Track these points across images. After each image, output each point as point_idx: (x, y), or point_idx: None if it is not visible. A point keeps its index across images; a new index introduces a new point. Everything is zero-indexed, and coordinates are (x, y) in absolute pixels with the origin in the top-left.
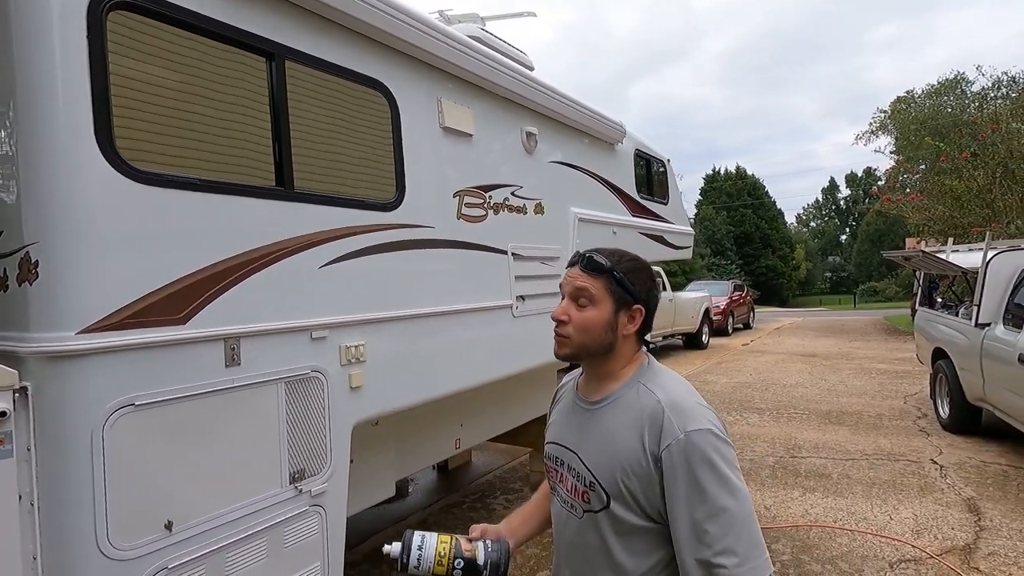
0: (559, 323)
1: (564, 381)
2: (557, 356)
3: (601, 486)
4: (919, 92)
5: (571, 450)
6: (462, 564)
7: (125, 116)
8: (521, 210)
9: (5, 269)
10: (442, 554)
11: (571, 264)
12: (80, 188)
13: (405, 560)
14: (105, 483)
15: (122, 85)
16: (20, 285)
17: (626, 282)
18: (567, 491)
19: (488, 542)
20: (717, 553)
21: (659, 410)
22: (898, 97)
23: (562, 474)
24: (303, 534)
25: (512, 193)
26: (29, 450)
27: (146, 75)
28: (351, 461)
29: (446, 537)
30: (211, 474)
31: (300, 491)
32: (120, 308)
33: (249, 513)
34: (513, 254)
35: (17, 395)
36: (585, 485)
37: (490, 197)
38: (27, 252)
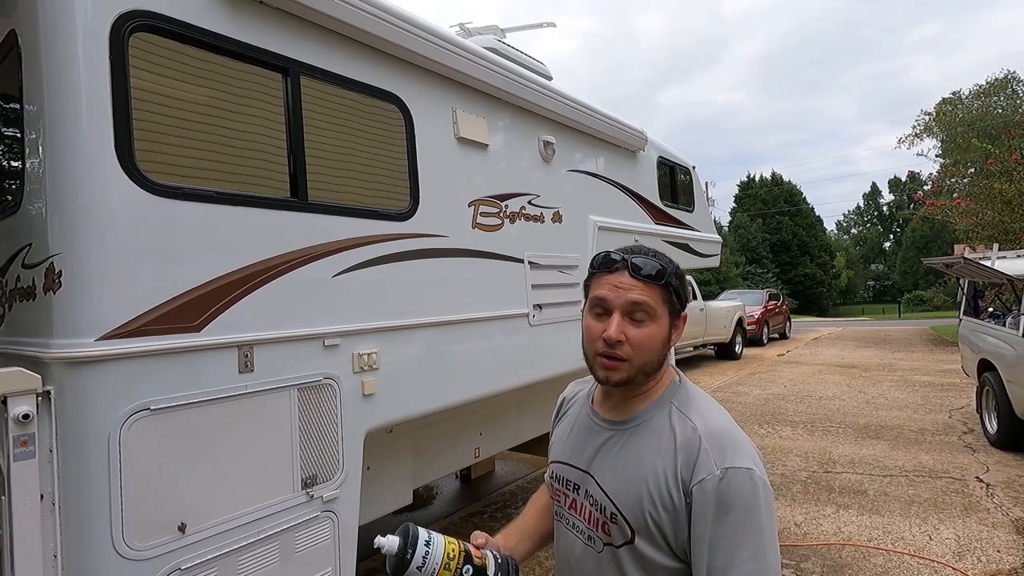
0: (613, 344)
1: (570, 392)
2: (608, 383)
3: (624, 518)
4: (966, 93)
5: (587, 473)
6: (471, 571)
7: (144, 131)
8: (538, 219)
9: (33, 279)
10: (451, 556)
11: (607, 267)
12: (101, 201)
13: (409, 556)
14: (121, 485)
15: (142, 101)
16: (46, 294)
17: (680, 289)
18: (584, 520)
19: (497, 553)
20: None
21: (695, 440)
22: (943, 98)
23: (576, 500)
24: (315, 539)
25: (529, 202)
26: (51, 451)
27: (165, 92)
28: (367, 468)
29: (452, 540)
30: (224, 478)
31: (312, 497)
32: (137, 316)
33: (261, 517)
34: (530, 263)
35: (40, 399)
36: (605, 516)
37: (506, 206)
38: (51, 262)
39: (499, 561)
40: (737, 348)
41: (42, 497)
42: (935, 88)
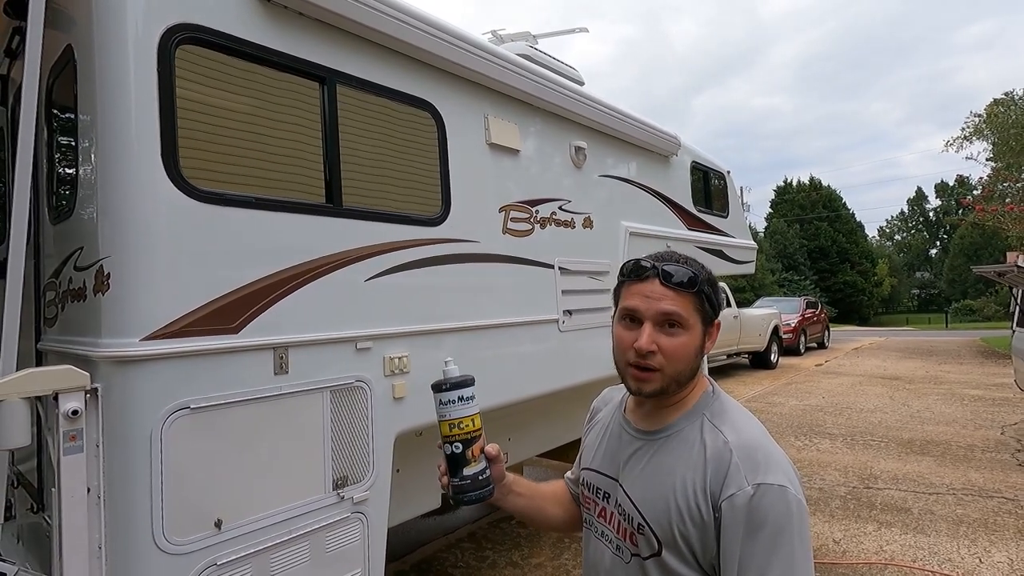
0: (645, 354)
1: (603, 397)
2: (640, 394)
3: (652, 530)
4: (1020, 93)
5: (616, 481)
6: (459, 450)
7: (189, 139)
8: (569, 224)
9: (84, 281)
10: (463, 426)
11: (637, 276)
12: (147, 206)
13: (446, 388)
14: (162, 481)
15: (187, 111)
16: (95, 295)
17: (713, 298)
18: (613, 529)
19: (488, 470)
20: None
21: (727, 453)
22: (995, 99)
23: (605, 508)
24: (345, 540)
25: (560, 207)
26: (98, 447)
27: (208, 101)
28: (397, 471)
29: (478, 422)
30: (258, 477)
31: (342, 498)
32: (179, 317)
33: (293, 516)
34: (560, 268)
35: (88, 396)
36: (633, 526)
37: (536, 211)
38: (101, 265)
39: (480, 476)
40: (773, 357)
41: (88, 490)
42: (987, 89)
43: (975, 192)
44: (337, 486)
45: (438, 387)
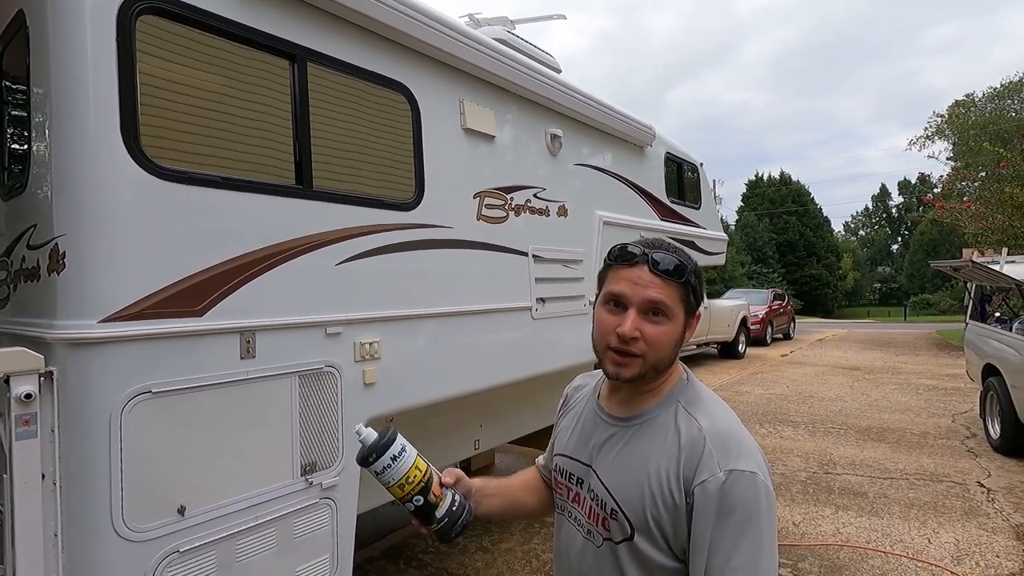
0: (628, 340)
1: (576, 384)
2: (618, 379)
3: (624, 515)
4: (980, 95)
5: (590, 467)
6: (421, 502)
7: (150, 115)
8: (544, 212)
9: (38, 260)
10: (411, 480)
11: (625, 261)
12: (105, 183)
13: (372, 459)
14: (122, 466)
15: (148, 85)
16: (50, 275)
17: (698, 289)
18: (585, 514)
19: (458, 497)
20: None
21: (700, 440)
22: (957, 101)
23: (578, 494)
24: (313, 526)
25: (535, 195)
26: (53, 431)
27: (172, 76)
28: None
29: (423, 465)
30: (224, 463)
31: (311, 483)
32: (140, 299)
33: (260, 502)
34: (534, 256)
35: (43, 379)
36: (605, 511)
37: (511, 199)
38: (56, 244)
39: (454, 507)
40: (741, 347)
41: (43, 476)
42: (951, 90)
43: (935, 190)
44: (306, 472)
45: (365, 460)
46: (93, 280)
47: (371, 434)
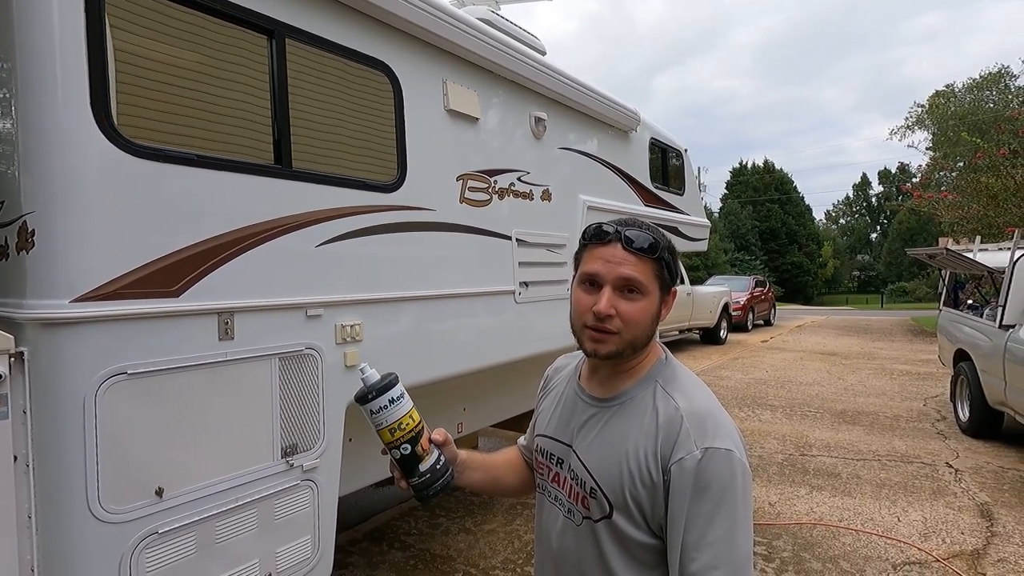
0: (604, 318)
1: (557, 365)
2: (596, 356)
3: (604, 494)
4: (960, 86)
5: (570, 447)
6: (408, 451)
7: (122, 90)
8: (527, 196)
9: (6, 238)
10: (403, 426)
11: (599, 239)
12: (75, 159)
13: (371, 397)
14: (97, 448)
15: (120, 59)
16: (19, 253)
17: (672, 265)
18: (565, 494)
19: (443, 457)
20: None
21: (678, 419)
22: (937, 91)
23: (558, 473)
24: (294, 508)
25: (518, 179)
26: (25, 413)
27: (145, 49)
28: (349, 440)
29: (416, 416)
30: (203, 445)
31: (292, 465)
32: (114, 279)
33: (240, 484)
34: (517, 240)
35: (13, 359)
36: (585, 490)
37: (495, 182)
38: (24, 221)
39: (438, 466)
40: (722, 333)
41: (15, 458)
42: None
43: (914, 180)
44: (286, 454)
45: (364, 398)
46: (63, 259)
47: (374, 374)
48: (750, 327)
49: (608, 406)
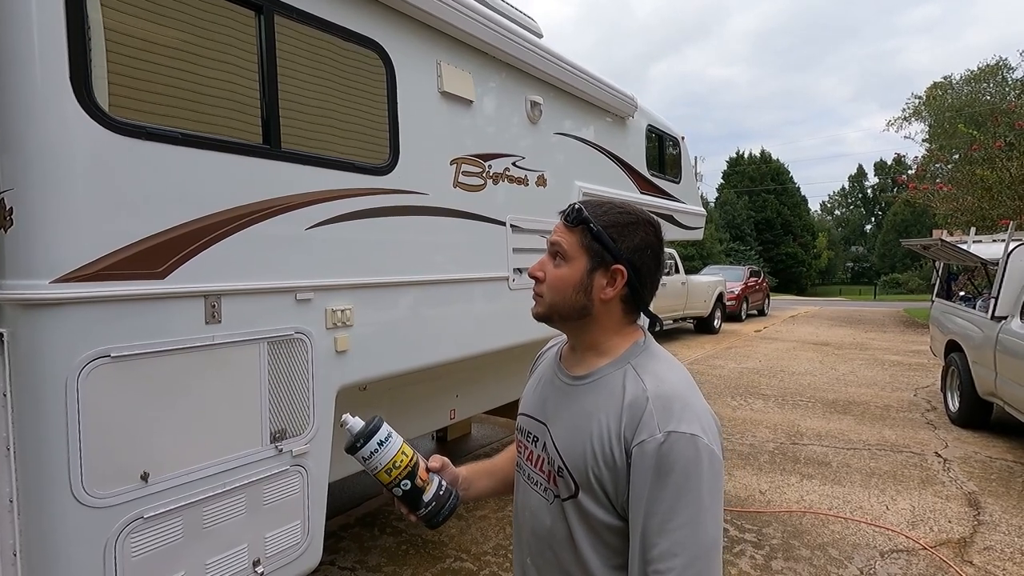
0: (536, 280)
1: (547, 347)
2: (533, 316)
3: (569, 473)
4: (957, 78)
5: (544, 425)
6: (408, 487)
7: (104, 64)
8: (522, 181)
9: None
10: (397, 464)
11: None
12: (54, 135)
13: (360, 445)
14: (80, 432)
15: (102, 34)
16: None
17: (604, 237)
18: (539, 471)
19: (443, 483)
20: (658, 570)
21: (643, 400)
22: (935, 83)
23: (532, 451)
24: (283, 493)
25: (513, 163)
26: (5, 395)
27: (127, 22)
28: (341, 425)
29: (409, 451)
30: (189, 429)
31: (281, 450)
32: (96, 259)
33: (228, 469)
34: (512, 226)
35: None
36: (554, 469)
37: (489, 166)
38: (2, 199)
39: (440, 492)
40: (716, 323)
41: None
42: (929, 70)
43: (910, 171)
44: (275, 439)
45: (353, 448)
46: (43, 238)
47: (357, 422)
48: (744, 317)
49: (580, 384)
